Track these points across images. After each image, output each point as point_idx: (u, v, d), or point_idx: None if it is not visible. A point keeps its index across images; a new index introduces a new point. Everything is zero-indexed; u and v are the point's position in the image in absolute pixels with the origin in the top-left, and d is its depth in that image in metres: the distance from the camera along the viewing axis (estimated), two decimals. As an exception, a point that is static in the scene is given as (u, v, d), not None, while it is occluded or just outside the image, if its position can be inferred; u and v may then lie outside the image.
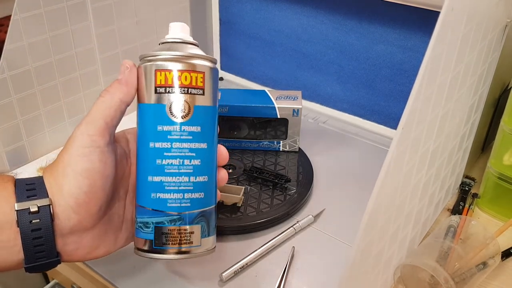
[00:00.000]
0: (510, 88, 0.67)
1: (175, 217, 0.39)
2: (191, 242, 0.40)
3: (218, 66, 0.95)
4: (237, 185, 0.63)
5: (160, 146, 0.39)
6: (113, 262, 0.53)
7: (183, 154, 0.39)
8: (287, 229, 0.57)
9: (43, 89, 0.64)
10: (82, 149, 0.38)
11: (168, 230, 0.39)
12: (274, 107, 0.67)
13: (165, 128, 0.39)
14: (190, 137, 0.39)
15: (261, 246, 0.54)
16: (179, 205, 0.39)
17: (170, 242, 0.39)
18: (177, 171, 0.39)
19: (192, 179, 0.39)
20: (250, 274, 0.52)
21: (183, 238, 0.39)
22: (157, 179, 0.39)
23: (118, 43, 0.73)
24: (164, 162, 0.39)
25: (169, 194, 0.39)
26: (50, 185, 0.38)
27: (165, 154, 0.39)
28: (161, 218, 0.39)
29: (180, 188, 0.39)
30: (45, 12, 0.61)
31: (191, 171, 0.39)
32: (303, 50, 0.82)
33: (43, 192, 0.38)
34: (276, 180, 0.63)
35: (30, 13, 0.59)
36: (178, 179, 0.39)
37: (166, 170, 0.39)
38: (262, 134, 0.71)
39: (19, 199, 0.37)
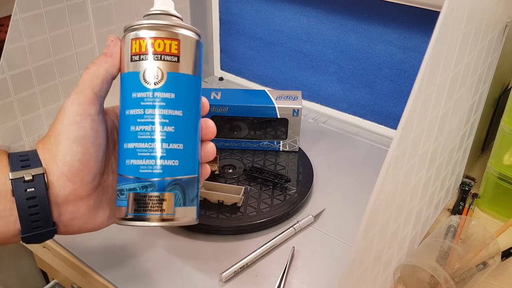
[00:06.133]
0: (510, 88, 0.67)
1: (146, 183, 0.39)
2: (163, 210, 0.39)
3: (218, 65, 0.96)
4: (237, 185, 0.63)
5: (134, 113, 0.39)
6: (113, 262, 0.53)
7: (155, 120, 0.39)
8: (287, 229, 0.57)
9: (43, 89, 0.64)
10: (74, 117, 0.39)
11: (140, 196, 0.39)
12: (274, 107, 0.67)
13: (139, 94, 0.39)
14: (163, 104, 0.39)
15: (261, 246, 0.54)
16: (150, 171, 0.39)
17: (142, 209, 0.39)
18: (149, 137, 0.39)
19: (165, 145, 0.39)
20: (250, 274, 0.52)
21: (154, 205, 0.39)
22: (131, 145, 0.39)
23: (118, 43, 0.73)
24: (137, 128, 0.39)
25: (141, 160, 0.39)
26: (44, 155, 0.39)
27: (138, 120, 0.39)
28: (133, 185, 0.39)
29: (152, 154, 0.39)
30: (45, 12, 0.61)
31: (164, 137, 0.39)
32: (303, 50, 0.82)
33: (37, 161, 0.38)
34: (276, 180, 0.63)
35: (30, 13, 0.59)
36: (150, 145, 0.39)
37: (139, 136, 0.39)
38: (262, 134, 0.71)
39: (13, 169, 0.38)
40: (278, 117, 0.68)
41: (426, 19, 0.67)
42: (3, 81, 0.59)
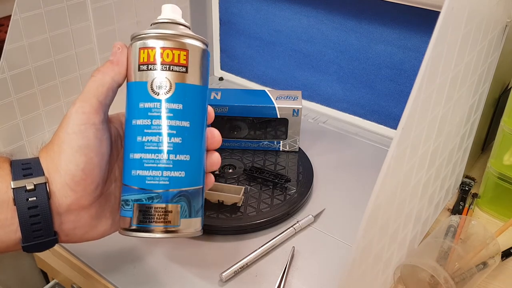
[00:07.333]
0: (510, 88, 0.67)
1: (153, 194, 0.39)
2: (169, 222, 0.39)
3: (219, 65, 0.96)
4: (237, 185, 0.63)
5: (141, 123, 0.39)
6: (113, 262, 0.53)
7: (162, 131, 0.39)
8: (287, 229, 0.57)
9: (43, 89, 0.64)
10: (78, 127, 0.38)
11: (146, 207, 0.39)
12: (274, 107, 0.67)
13: (146, 105, 0.39)
14: (171, 115, 0.39)
15: (261, 246, 0.54)
16: (157, 182, 0.39)
17: (147, 220, 0.39)
18: (156, 148, 0.39)
19: (172, 157, 0.39)
20: (250, 274, 0.52)
21: (160, 217, 0.39)
22: (137, 156, 0.39)
23: (118, 43, 0.73)
24: (144, 139, 0.39)
25: (147, 171, 0.39)
26: (46, 164, 0.38)
27: (145, 131, 0.39)
28: (139, 196, 0.39)
29: (158, 165, 0.39)
30: (45, 12, 0.61)
31: (171, 149, 0.39)
32: (303, 50, 0.82)
33: (39, 170, 0.38)
34: (276, 180, 0.63)
35: (30, 13, 0.59)
36: (157, 156, 0.39)
37: (145, 147, 0.39)
38: (262, 134, 0.71)
39: (15, 178, 0.37)
40: (278, 117, 0.68)
41: (426, 19, 0.67)
42: (3, 81, 0.59)
